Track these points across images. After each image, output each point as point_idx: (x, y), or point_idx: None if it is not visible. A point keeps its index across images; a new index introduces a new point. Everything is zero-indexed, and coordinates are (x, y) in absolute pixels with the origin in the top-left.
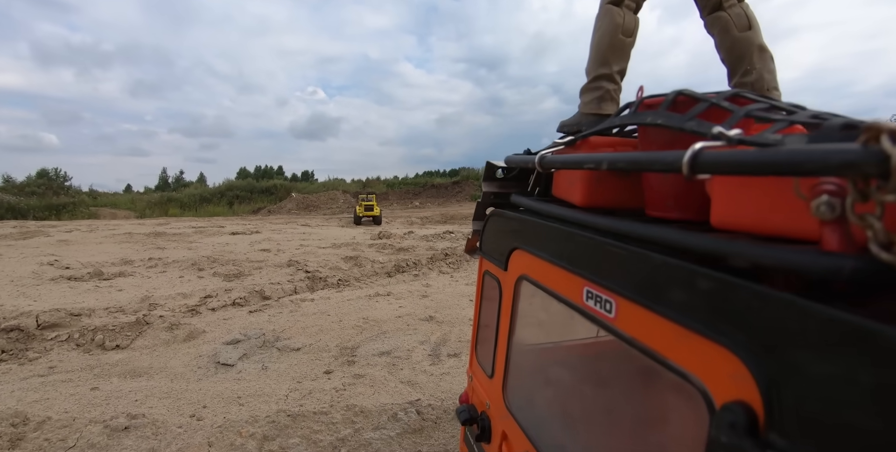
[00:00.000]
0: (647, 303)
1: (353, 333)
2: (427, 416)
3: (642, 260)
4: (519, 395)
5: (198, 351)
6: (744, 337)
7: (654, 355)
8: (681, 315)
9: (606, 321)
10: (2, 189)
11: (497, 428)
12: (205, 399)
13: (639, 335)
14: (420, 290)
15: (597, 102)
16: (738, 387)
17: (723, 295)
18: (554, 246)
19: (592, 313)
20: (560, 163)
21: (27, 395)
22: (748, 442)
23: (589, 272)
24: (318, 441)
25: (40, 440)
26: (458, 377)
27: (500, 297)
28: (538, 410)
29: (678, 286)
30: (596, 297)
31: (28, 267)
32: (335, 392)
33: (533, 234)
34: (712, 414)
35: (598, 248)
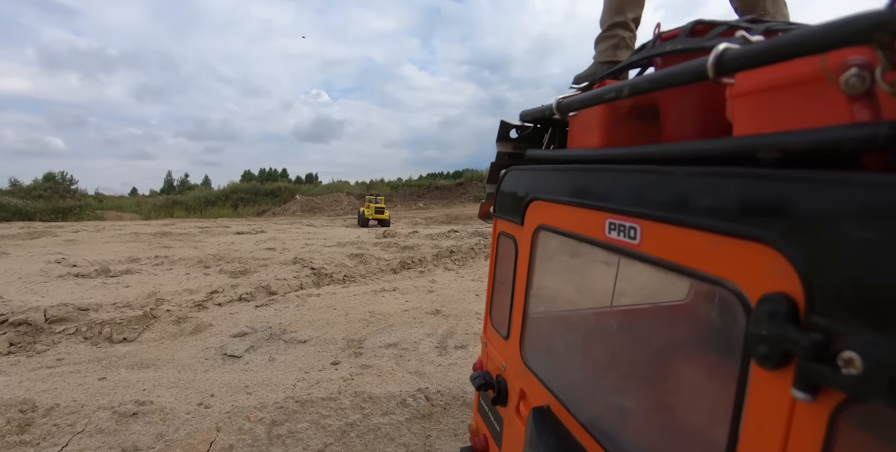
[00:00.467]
0: (676, 218)
1: (360, 326)
2: (436, 402)
3: (669, 178)
4: (537, 349)
5: (205, 344)
6: (781, 228)
7: (683, 269)
8: (712, 222)
9: (631, 248)
10: (9, 193)
11: (514, 388)
12: (212, 388)
13: (666, 255)
14: (426, 286)
15: (612, 49)
16: (775, 280)
17: (757, 191)
18: (574, 188)
19: (616, 244)
20: (579, 102)
21: (35, 385)
22: (790, 329)
23: (611, 204)
24: (326, 425)
25: (49, 425)
26: (466, 368)
27: (516, 254)
28: (559, 361)
29: (709, 193)
30: (619, 227)
31: (35, 265)
32: (343, 382)
33: (551, 182)
34: (748, 315)
35: (622, 177)
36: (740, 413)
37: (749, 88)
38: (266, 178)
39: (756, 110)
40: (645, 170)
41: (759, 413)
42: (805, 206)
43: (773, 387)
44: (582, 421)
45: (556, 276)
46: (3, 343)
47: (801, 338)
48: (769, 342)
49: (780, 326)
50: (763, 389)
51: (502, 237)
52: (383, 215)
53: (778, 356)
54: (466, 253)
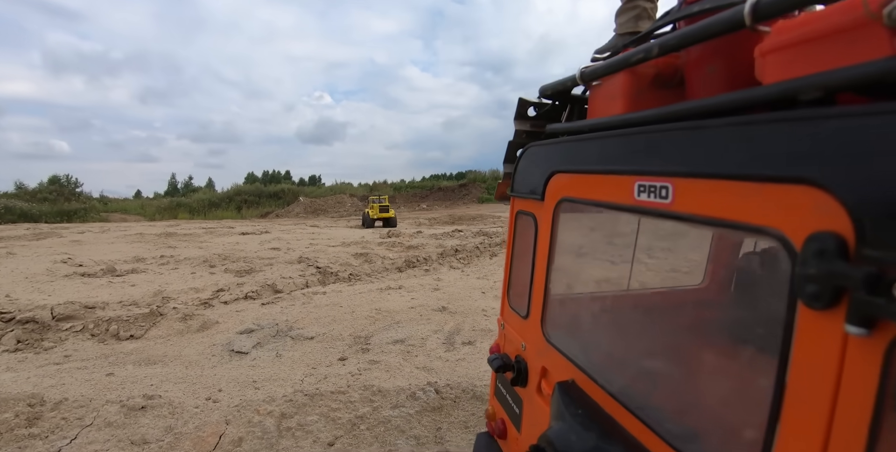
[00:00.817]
0: (712, 172)
1: (367, 323)
2: (446, 395)
3: (704, 132)
4: (561, 325)
5: (211, 341)
6: (828, 166)
7: (720, 222)
8: (752, 171)
9: (663, 208)
10: (14, 196)
11: (535, 367)
12: (220, 383)
13: (701, 210)
14: (431, 283)
15: (633, 20)
16: (821, 219)
17: (801, 132)
18: (600, 155)
19: (646, 206)
20: (604, 68)
21: (43, 381)
22: (841, 265)
23: (641, 166)
24: (336, 418)
25: (57, 419)
26: (475, 363)
27: (536, 231)
28: (584, 335)
29: (748, 142)
30: (649, 188)
31: (42, 265)
32: (351, 377)
33: (575, 153)
34: (794, 259)
35: (654, 138)
36: (786, 360)
37: (783, 42)
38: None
39: (791, 64)
40: (678, 128)
41: (808, 356)
42: (853, 141)
43: (822, 328)
44: (611, 391)
45: (578, 250)
46: (11, 340)
47: (853, 272)
48: (818, 281)
49: (830, 262)
50: (811, 331)
51: (520, 216)
52: (388, 214)
53: (828, 293)
54: (471, 252)
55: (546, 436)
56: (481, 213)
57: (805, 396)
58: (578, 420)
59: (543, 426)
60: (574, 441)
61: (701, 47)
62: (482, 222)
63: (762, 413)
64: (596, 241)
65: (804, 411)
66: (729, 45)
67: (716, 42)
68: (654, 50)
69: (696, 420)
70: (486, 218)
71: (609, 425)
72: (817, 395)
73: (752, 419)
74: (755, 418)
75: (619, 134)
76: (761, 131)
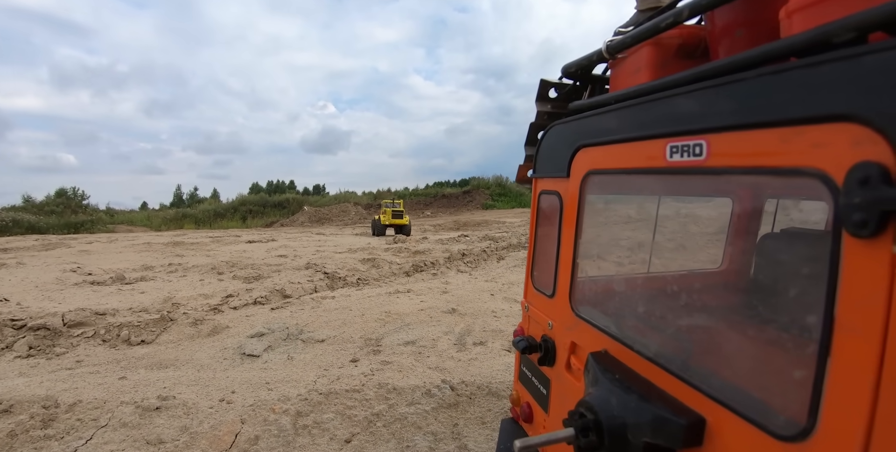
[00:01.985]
0: (747, 123)
1: (377, 325)
2: (461, 392)
3: (739, 85)
4: (590, 299)
5: (222, 344)
6: (867, 100)
7: (757, 171)
8: (789, 115)
9: (697, 166)
10: (22, 209)
11: (563, 344)
12: (233, 385)
13: (736, 162)
14: (440, 287)
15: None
16: (862, 151)
17: (840, 72)
18: (629, 123)
19: (679, 166)
20: (631, 39)
21: (56, 385)
22: (886, 189)
23: (673, 128)
24: (352, 416)
25: (72, 420)
26: (488, 363)
27: (561, 208)
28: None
29: (784, 87)
30: (682, 148)
31: (51, 274)
32: (364, 377)
33: (602, 125)
34: (835, 195)
35: (686, 99)
36: (834, 295)
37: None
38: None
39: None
40: (712, 85)
41: (856, 286)
42: (891, 74)
43: (870, 255)
44: (650, 355)
45: (604, 223)
46: (23, 347)
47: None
48: (864, 209)
49: (875, 189)
50: (859, 261)
51: (544, 196)
52: (402, 220)
53: (875, 219)
54: (478, 256)
55: (585, 402)
56: (486, 219)
57: (855, 325)
58: (616, 384)
59: (574, 401)
60: (614, 403)
61: (728, 13)
62: (487, 227)
63: (810, 352)
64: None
65: (855, 341)
66: (755, 9)
67: (742, 7)
68: (685, 13)
69: (741, 372)
70: (492, 224)
71: (646, 387)
72: (868, 322)
73: (799, 360)
74: (803, 358)
75: (651, 99)
76: (798, 76)
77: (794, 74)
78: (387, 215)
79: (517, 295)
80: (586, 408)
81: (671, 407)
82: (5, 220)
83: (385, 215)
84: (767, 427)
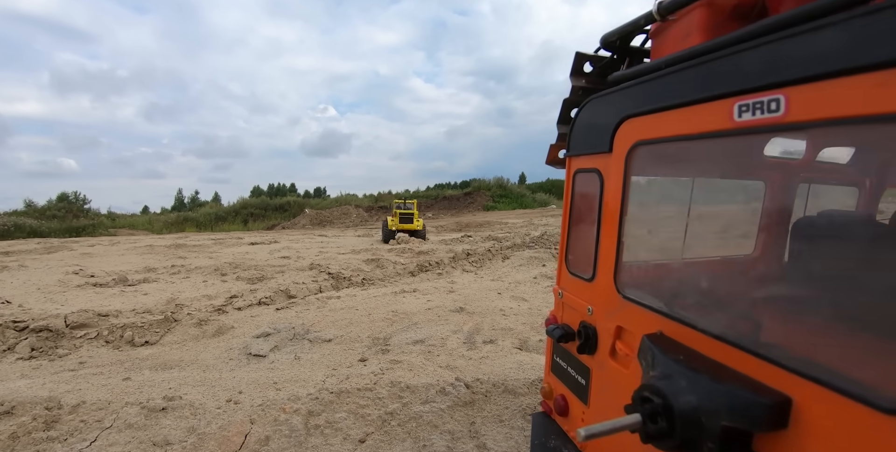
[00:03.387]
0: (840, 68)
1: (384, 325)
2: (477, 390)
3: (825, 31)
4: (639, 279)
5: (228, 345)
6: None
7: (845, 121)
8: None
9: (774, 123)
10: (24, 213)
11: (606, 330)
12: (240, 385)
13: (822, 114)
14: (446, 286)
15: None
16: None
17: None
18: (686, 87)
19: (751, 125)
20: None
21: (59, 386)
22: None
23: (742, 85)
24: (365, 415)
25: (76, 421)
26: (500, 360)
27: (602, 186)
28: (673, 284)
29: (883, 28)
30: (754, 106)
31: (54, 276)
32: (374, 376)
33: (652, 92)
34: None
35: (758, 52)
36: None
37: None
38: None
39: None
40: (790, 34)
41: None
42: None
43: None
44: (718, 333)
45: (654, 196)
46: (25, 348)
47: None
48: None
49: None
50: None
51: (580, 176)
52: (413, 225)
53: None
54: (483, 255)
55: (650, 386)
56: (488, 220)
57: None
58: (683, 366)
59: (620, 390)
60: (684, 386)
61: None
62: (490, 228)
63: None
64: (673, 184)
65: None
66: None
67: None
68: None
69: (839, 346)
70: (494, 225)
71: (717, 367)
72: None
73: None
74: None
75: (716, 57)
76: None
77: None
78: (396, 219)
79: (524, 294)
80: (652, 392)
81: (750, 387)
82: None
83: (394, 219)
84: (875, 402)
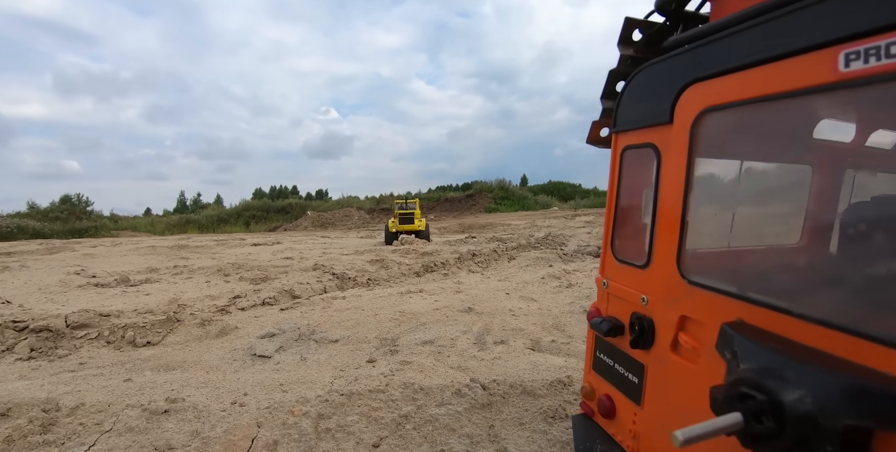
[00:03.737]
0: None
1: (391, 325)
2: (494, 391)
3: None
4: (713, 261)
5: (232, 345)
6: None
7: None
8: None
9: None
10: (26, 215)
11: (666, 321)
12: (245, 387)
13: None
14: (452, 286)
15: None
16: None
17: None
18: (773, 41)
19: (863, 75)
20: None
21: (58, 388)
22: None
23: (852, 28)
24: (378, 418)
25: (74, 424)
26: (512, 362)
27: (659, 162)
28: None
29: None
30: (867, 52)
31: (55, 277)
32: (384, 377)
33: (725, 51)
34: None
35: None
36: None
37: None
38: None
39: None
40: None
41: None
42: None
43: None
44: (818, 317)
45: (725, 167)
46: (24, 349)
47: None
48: None
49: None
50: None
51: (630, 153)
52: (413, 225)
53: None
54: (489, 256)
55: (748, 381)
56: (491, 221)
57: None
58: (783, 355)
59: (686, 388)
60: (792, 378)
61: None
62: (493, 229)
63: None
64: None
65: None
66: None
67: None
68: None
69: None
70: (497, 226)
71: (823, 356)
72: None
73: None
74: None
75: (815, 2)
76: None
77: None
78: (396, 220)
79: (533, 294)
80: (752, 387)
81: (875, 378)
82: (10, 226)
83: (394, 220)
84: None
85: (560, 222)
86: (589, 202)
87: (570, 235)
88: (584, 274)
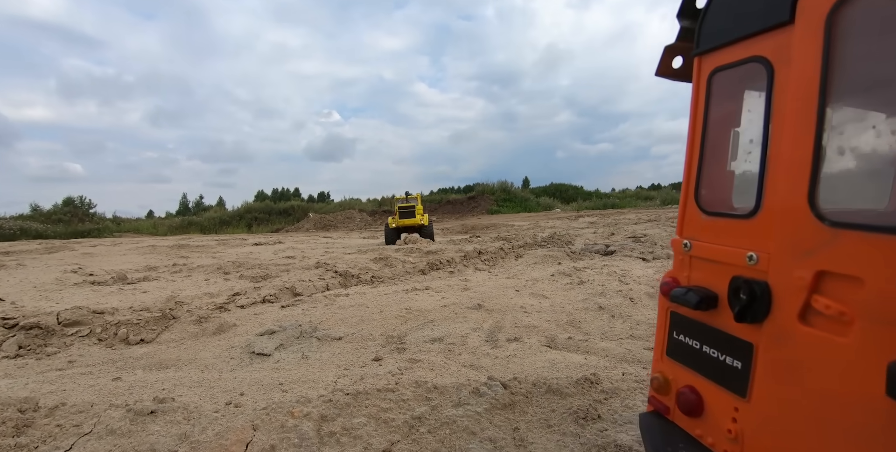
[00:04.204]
0: None
1: (398, 323)
2: (515, 390)
3: None
4: (871, 190)
5: (229, 343)
6: None
7: None
8: None
9: None
10: (30, 217)
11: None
12: (241, 386)
13: None
14: (459, 284)
15: None
16: None
17: None
18: None
19: None
20: None
21: (42, 386)
22: None
23: None
24: (388, 420)
25: (51, 426)
26: (528, 359)
27: (772, 78)
28: None
29: None
30: None
31: (51, 275)
32: (392, 376)
33: None
34: None
35: None
36: None
37: None
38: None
39: None
40: None
41: None
42: None
43: None
44: None
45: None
46: (12, 346)
47: None
48: None
49: None
50: None
51: (721, 77)
52: (415, 220)
53: None
54: (495, 254)
55: None
56: (493, 223)
57: None
58: None
59: (830, 371)
60: None
61: None
62: (496, 230)
63: None
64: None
65: None
66: None
67: None
68: None
69: None
70: (500, 227)
71: None
72: None
73: None
74: None
75: None
76: None
77: None
78: (396, 216)
79: (544, 291)
80: None
81: None
82: (13, 228)
83: (395, 217)
84: None
85: (563, 222)
86: (591, 204)
87: (576, 234)
88: (594, 271)
